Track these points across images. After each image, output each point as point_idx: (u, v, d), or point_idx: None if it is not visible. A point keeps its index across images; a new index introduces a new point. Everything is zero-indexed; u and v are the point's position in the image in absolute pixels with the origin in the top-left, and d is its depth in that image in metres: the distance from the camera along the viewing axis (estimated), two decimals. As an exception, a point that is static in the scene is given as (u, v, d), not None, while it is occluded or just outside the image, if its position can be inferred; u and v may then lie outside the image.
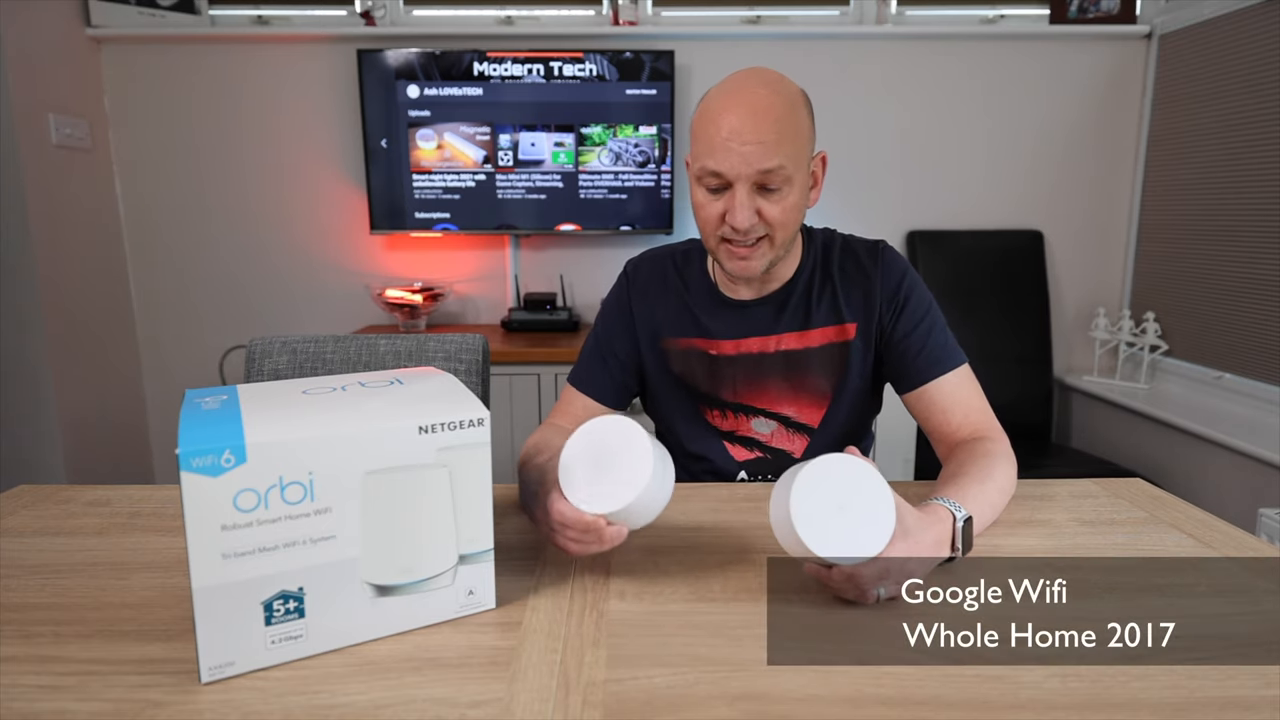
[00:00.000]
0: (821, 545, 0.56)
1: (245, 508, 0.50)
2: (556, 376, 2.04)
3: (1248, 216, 1.98)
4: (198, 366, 2.42)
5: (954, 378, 0.90)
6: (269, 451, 0.50)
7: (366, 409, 0.57)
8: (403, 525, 0.56)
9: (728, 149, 0.80)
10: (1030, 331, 2.37)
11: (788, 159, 0.81)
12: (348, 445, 0.53)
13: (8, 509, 0.82)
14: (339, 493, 0.53)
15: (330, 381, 0.64)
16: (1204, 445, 1.94)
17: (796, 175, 0.83)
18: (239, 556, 0.50)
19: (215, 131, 2.33)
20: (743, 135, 0.80)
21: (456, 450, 0.57)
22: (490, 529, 0.60)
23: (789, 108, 0.82)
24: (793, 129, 0.81)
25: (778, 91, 0.82)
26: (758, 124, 0.80)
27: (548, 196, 2.28)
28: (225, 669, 0.51)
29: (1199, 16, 2.11)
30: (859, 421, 0.99)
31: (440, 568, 0.58)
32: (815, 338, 0.94)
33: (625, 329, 0.99)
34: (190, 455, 0.48)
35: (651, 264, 1.02)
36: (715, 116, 0.81)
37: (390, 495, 0.55)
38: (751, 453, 0.98)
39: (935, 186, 2.39)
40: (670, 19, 2.34)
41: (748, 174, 0.81)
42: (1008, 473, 0.79)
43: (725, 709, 0.48)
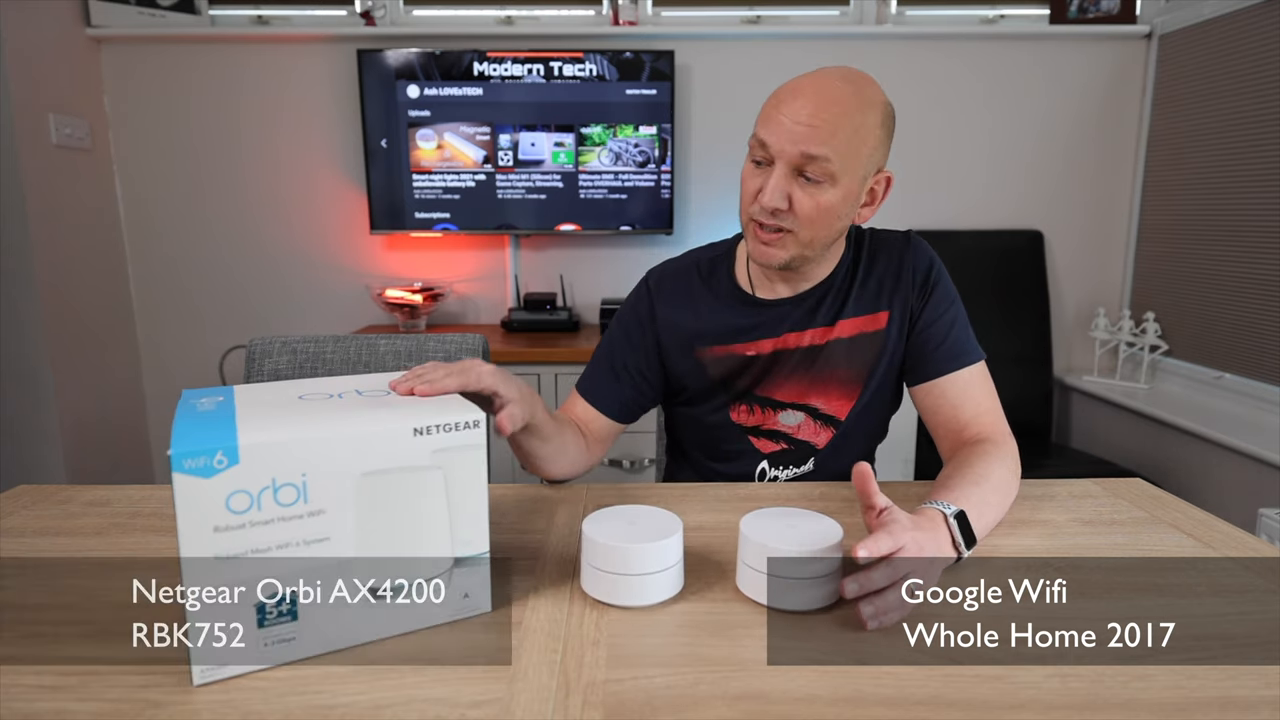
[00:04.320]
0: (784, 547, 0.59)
1: (238, 509, 0.50)
2: (557, 376, 2.03)
3: (1248, 216, 1.98)
4: (198, 366, 2.42)
5: (968, 374, 0.89)
6: (262, 453, 0.50)
7: (361, 411, 0.57)
8: (397, 528, 0.56)
9: (779, 121, 0.78)
10: (1030, 331, 2.37)
11: (836, 154, 0.78)
12: (342, 447, 0.53)
13: (8, 509, 0.82)
14: (333, 495, 0.53)
15: (328, 386, 0.64)
16: (1204, 445, 1.94)
17: (843, 176, 0.79)
18: (232, 559, 0.50)
19: (215, 131, 2.34)
20: (797, 113, 0.78)
21: (451, 452, 0.57)
22: (486, 532, 0.60)
23: (858, 106, 0.79)
24: (852, 126, 0.78)
25: (854, 87, 0.79)
26: (818, 107, 0.77)
27: (548, 196, 2.29)
28: (217, 671, 0.51)
29: (1199, 16, 2.11)
30: (882, 416, 0.99)
31: (435, 571, 0.58)
32: (847, 328, 0.93)
33: (645, 344, 0.96)
34: (183, 456, 0.48)
35: (675, 276, 0.98)
36: (783, 91, 0.80)
37: (385, 497, 0.55)
38: (777, 444, 0.97)
39: (935, 186, 2.39)
40: (670, 19, 2.34)
41: (790, 153, 0.78)
42: (1006, 474, 0.78)
43: (725, 709, 0.48)
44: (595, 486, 0.91)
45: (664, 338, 0.96)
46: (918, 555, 0.59)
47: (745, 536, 0.61)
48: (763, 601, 0.60)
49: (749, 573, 0.61)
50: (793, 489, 0.89)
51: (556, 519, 0.80)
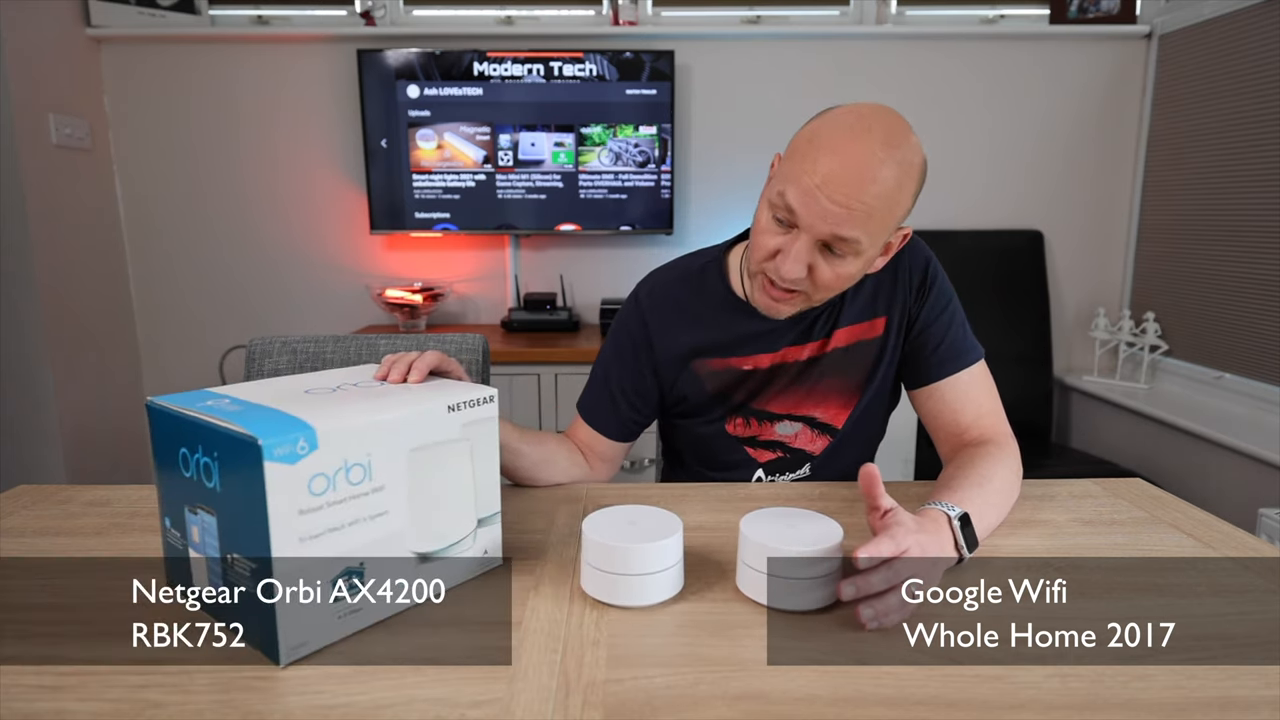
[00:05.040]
0: (784, 547, 0.59)
1: (318, 491, 0.53)
2: (557, 376, 2.04)
3: (1248, 216, 1.98)
4: (198, 367, 2.42)
5: (967, 375, 0.88)
6: (337, 438, 0.54)
7: (397, 395, 0.63)
8: (437, 496, 0.62)
9: (814, 196, 0.72)
10: (1030, 331, 2.37)
11: (867, 235, 0.74)
12: (397, 427, 0.58)
13: (8, 509, 0.82)
14: (390, 471, 0.58)
15: (324, 380, 0.67)
16: (1204, 445, 1.94)
17: (869, 250, 0.77)
18: (313, 538, 0.53)
19: (215, 131, 2.34)
20: (834, 192, 0.72)
21: (475, 425, 0.64)
22: (499, 494, 0.67)
23: (898, 181, 0.73)
24: (888, 206, 0.74)
25: (896, 157, 0.72)
26: (856, 187, 0.71)
27: (548, 196, 2.29)
28: (300, 649, 0.53)
29: (1199, 16, 2.11)
30: (880, 419, 0.99)
31: (464, 531, 0.64)
32: (844, 337, 0.91)
33: (636, 363, 0.94)
34: (272, 446, 0.50)
35: (665, 289, 0.95)
36: (818, 152, 0.73)
37: (428, 469, 0.60)
38: (773, 454, 0.97)
39: (935, 186, 2.36)
40: (670, 19, 2.34)
41: (819, 231, 0.74)
42: (1008, 476, 0.78)
43: (725, 709, 0.48)
44: (595, 486, 0.91)
45: (658, 353, 0.93)
46: (920, 556, 0.59)
47: (745, 536, 0.62)
48: (763, 602, 0.60)
49: (749, 573, 0.61)
50: (793, 489, 0.89)
51: (556, 519, 0.80)
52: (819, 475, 0.97)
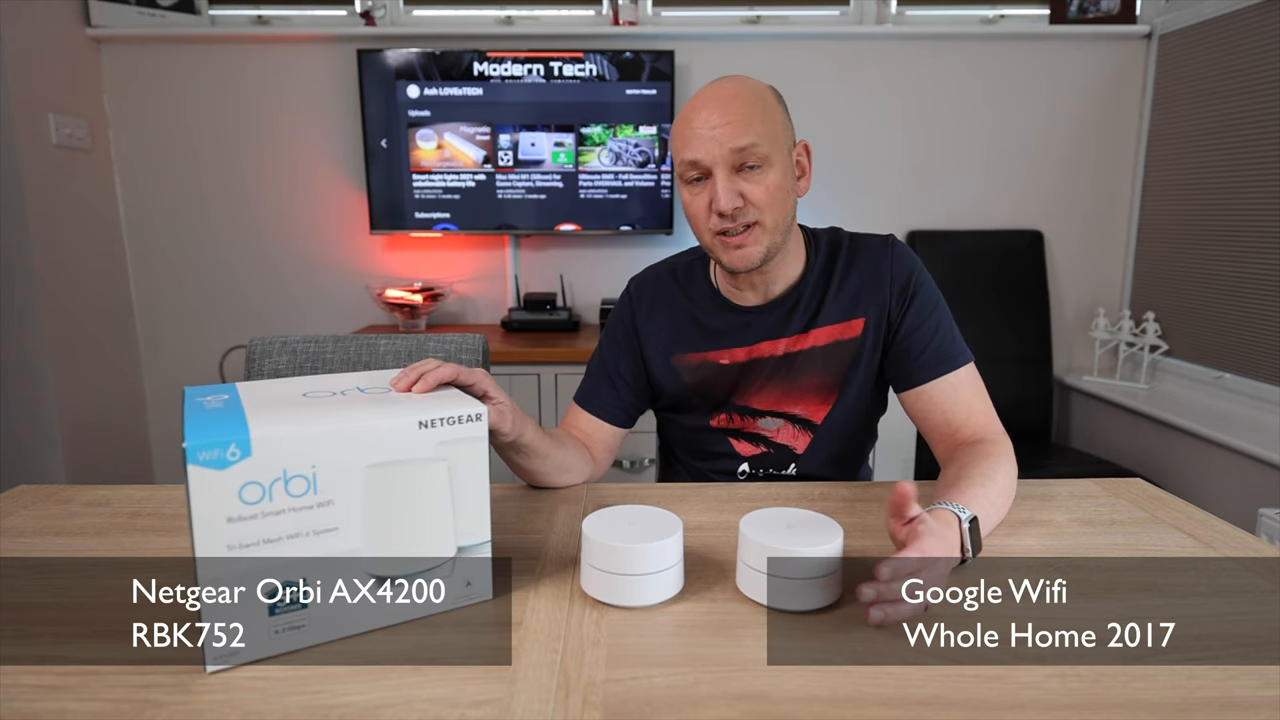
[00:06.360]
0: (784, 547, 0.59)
1: (250, 500, 0.51)
2: (557, 376, 2.04)
3: (1248, 216, 1.98)
4: (198, 366, 2.42)
5: (955, 378, 0.89)
6: (273, 445, 0.52)
7: (368, 406, 0.59)
8: (403, 517, 0.58)
9: (699, 136, 0.83)
10: (1030, 331, 2.37)
11: (759, 137, 0.82)
12: (350, 440, 0.55)
13: (8, 509, 0.82)
14: (341, 486, 0.55)
15: (331, 383, 0.65)
16: (1204, 445, 1.94)
17: (774, 155, 0.84)
18: (244, 547, 0.52)
19: (215, 131, 2.33)
20: (711, 120, 0.82)
21: (455, 445, 0.59)
22: (488, 522, 0.61)
23: (755, 95, 0.84)
24: (760, 111, 0.83)
25: (740, 83, 0.86)
26: (725, 108, 0.82)
27: (548, 196, 2.28)
28: (230, 657, 0.52)
29: (1199, 16, 2.11)
30: (863, 419, 0.99)
31: (438, 560, 0.59)
32: (822, 336, 0.93)
33: (631, 350, 0.98)
34: (197, 449, 0.49)
35: (654, 282, 1.00)
36: (687, 115, 0.85)
37: (391, 488, 0.57)
38: (757, 448, 0.98)
39: (935, 186, 2.39)
40: (670, 19, 2.34)
41: (722, 155, 0.82)
42: (1009, 475, 0.78)
43: (725, 709, 0.48)
44: (595, 486, 0.91)
45: (645, 345, 0.98)
46: (930, 555, 0.59)
47: (745, 536, 0.61)
48: (763, 601, 0.60)
49: (749, 573, 0.61)
50: (793, 489, 0.89)
51: (556, 519, 0.80)
52: (804, 473, 0.98)
